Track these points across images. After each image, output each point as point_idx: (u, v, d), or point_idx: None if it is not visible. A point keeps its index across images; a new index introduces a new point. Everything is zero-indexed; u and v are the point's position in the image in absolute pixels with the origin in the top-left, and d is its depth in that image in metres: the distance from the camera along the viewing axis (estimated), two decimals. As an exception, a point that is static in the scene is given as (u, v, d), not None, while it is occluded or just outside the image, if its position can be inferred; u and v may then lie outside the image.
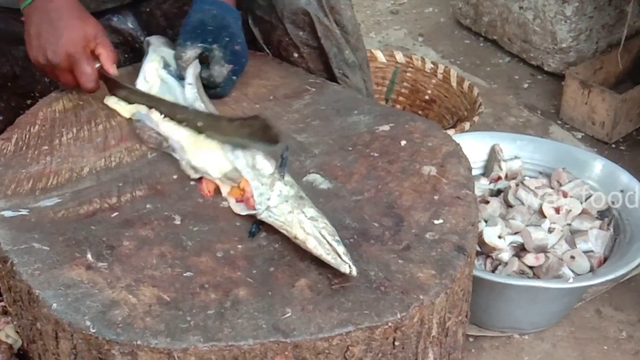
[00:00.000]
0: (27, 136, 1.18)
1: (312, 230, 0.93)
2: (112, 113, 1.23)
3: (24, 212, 1.01)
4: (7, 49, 1.40)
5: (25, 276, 0.91)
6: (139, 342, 0.82)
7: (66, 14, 1.21)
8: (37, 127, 1.20)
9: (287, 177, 1.01)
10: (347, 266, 0.89)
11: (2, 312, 1.13)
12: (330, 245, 0.91)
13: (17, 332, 1.08)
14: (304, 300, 0.88)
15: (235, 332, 0.83)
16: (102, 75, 1.23)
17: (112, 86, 1.25)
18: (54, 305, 0.86)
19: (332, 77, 1.41)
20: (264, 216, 0.98)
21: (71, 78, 1.22)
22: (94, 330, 0.83)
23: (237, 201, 1.02)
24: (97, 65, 1.23)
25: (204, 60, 1.26)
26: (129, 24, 1.47)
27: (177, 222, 1.00)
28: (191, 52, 1.23)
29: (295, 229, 0.94)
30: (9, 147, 1.15)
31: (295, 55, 1.39)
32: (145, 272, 0.91)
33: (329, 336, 0.84)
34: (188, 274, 0.91)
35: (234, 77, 1.27)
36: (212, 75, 1.24)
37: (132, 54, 1.49)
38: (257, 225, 0.99)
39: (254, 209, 0.99)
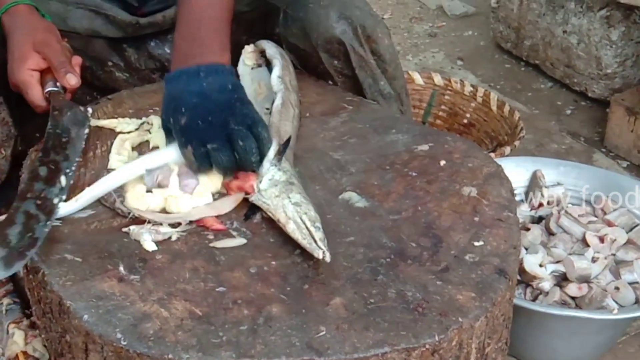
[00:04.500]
0: (62, 148, 1.18)
1: (292, 215, 0.96)
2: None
3: (56, 223, 1.00)
4: None
5: (57, 287, 0.90)
6: (170, 356, 0.81)
7: (9, 39, 1.19)
8: (72, 139, 1.20)
9: (285, 164, 1.04)
10: (321, 252, 0.91)
11: (30, 325, 1.13)
12: (308, 230, 0.93)
13: (44, 345, 1.08)
14: (338, 319, 0.85)
15: (268, 349, 0.81)
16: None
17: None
18: (85, 316, 0.86)
19: None
20: (254, 199, 1.00)
21: None
22: (125, 343, 0.82)
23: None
24: (49, 89, 1.16)
25: None
26: (165, 48, 1.47)
27: (211, 236, 0.99)
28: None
29: (278, 212, 0.97)
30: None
31: (330, 83, 1.38)
32: (177, 286, 0.90)
33: (364, 356, 0.81)
34: (221, 289, 0.90)
35: (210, 146, 1.01)
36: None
37: None
38: (252, 209, 1.01)
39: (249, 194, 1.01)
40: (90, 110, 1.17)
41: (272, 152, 1.04)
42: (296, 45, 1.37)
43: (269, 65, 1.30)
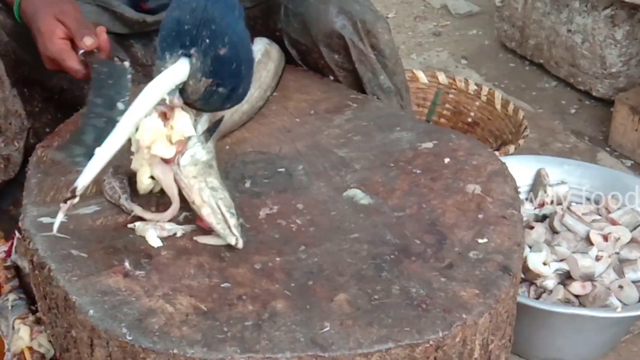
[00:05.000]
0: (68, 144, 1.18)
1: (208, 200, 0.96)
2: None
3: (63, 219, 1.01)
4: None
5: (63, 282, 0.90)
6: (175, 351, 0.81)
7: (33, 19, 1.21)
8: (78, 135, 1.21)
9: (210, 143, 1.02)
10: (234, 238, 0.93)
11: (35, 321, 1.13)
12: (223, 216, 0.94)
13: (49, 341, 1.08)
14: (342, 315, 0.86)
15: (273, 345, 0.82)
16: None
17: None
18: (91, 311, 0.86)
19: None
20: (174, 169, 0.98)
21: None
22: (130, 338, 0.83)
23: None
24: (81, 51, 1.17)
25: None
26: None
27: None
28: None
29: (194, 194, 0.97)
30: (49, 155, 1.16)
31: (331, 77, 1.38)
32: (182, 282, 0.91)
33: (368, 352, 0.82)
34: (225, 284, 0.90)
35: (221, 90, 0.99)
36: (185, 92, 0.99)
37: None
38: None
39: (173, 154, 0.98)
40: (127, 62, 1.16)
41: (200, 128, 1.03)
42: (297, 40, 1.38)
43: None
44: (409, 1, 3.13)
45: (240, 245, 0.94)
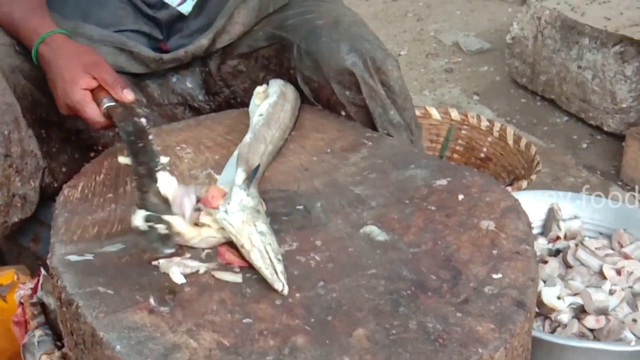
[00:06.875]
0: (93, 184, 1.22)
1: (258, 244, 1.00)
2: (174, 163, 1.27)
3: (89, 256, 1.04)
4: None
5: (90, 319, 0.93)
6: (199, 385, 0.83)
7: (54, 65, 1.26)
8: (102, 175, 1.25)
9: (252, 189, 1.08)
10: (281, 284, 0.96)
11: (62, 356, 1.15)
12: (271, 261, 0.98)
13: (76, 377, 1.10)
14: (361, 349, 0.88)
15: (294, 379, 0.84)
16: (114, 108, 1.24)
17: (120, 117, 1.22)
18: (118, 347, 0.88)
19: None
20: (219, 217, 1.03)
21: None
22: (155, 373, 0.85)
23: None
24: (107, 105, 1.23)
25: None
26: (187, 83, 1.52)
27: (236, 269, 1.02)
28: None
29: (243, 238, 1.01)
30: (76, 195, 1.20)
31: (343, 113, 1.41)
32: (205, 318, 0.93)
33: (387, 386, 0.83)
34: (247, 320, 0.93)
35: None
36: None
37: (190, 113, 1.54)
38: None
39: (213, 208, 1.05)
40: (144, 120, 1.22)
41: (239, 178, 1.10)
42: (310, 77, 1.42)
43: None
44: (421, 39, 3.18)
45: (285, 291, 0.96)
